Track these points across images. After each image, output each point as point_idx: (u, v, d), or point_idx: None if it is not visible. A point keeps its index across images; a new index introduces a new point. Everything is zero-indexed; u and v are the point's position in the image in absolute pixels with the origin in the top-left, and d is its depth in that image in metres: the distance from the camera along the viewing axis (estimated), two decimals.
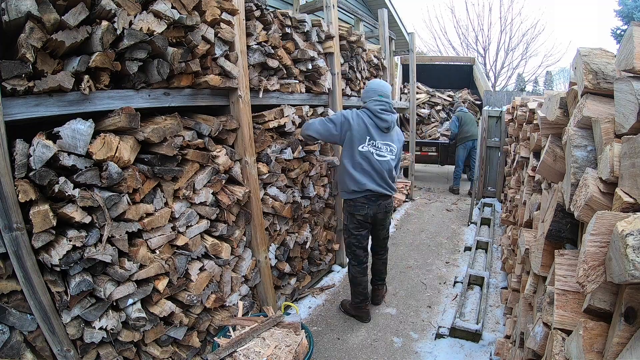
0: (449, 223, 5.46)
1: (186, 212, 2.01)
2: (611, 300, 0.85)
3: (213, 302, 2.20)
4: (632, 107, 0.83)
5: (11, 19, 1.25)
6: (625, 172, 0.82)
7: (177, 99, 1.97)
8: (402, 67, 8.96)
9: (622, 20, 15.25)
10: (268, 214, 2.72)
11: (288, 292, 3.05)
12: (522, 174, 2.93)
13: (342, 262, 3.96)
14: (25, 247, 1.39)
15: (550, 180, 1.53)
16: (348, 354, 2.61)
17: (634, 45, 0.86)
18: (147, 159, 1.79)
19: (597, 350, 0.82)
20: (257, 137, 2.51)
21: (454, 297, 3.33)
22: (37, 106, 1.40)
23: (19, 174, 1.36)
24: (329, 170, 3.52)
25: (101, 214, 1.56)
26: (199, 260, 2.14)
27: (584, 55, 1.13)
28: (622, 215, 0.77)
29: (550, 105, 1.55)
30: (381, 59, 4.80)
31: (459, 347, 2.63)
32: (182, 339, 2.07)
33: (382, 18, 5.04)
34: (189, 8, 1.81)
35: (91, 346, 1.66)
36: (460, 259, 4.21)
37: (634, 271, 0.60)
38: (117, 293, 1.68)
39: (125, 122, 1.62)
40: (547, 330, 1.21)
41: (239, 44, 2.21)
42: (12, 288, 1.43)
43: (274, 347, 1.93)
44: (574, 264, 1.10)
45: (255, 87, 2.47)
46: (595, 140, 1.06)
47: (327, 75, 3.35)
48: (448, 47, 18.99)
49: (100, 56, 1.48)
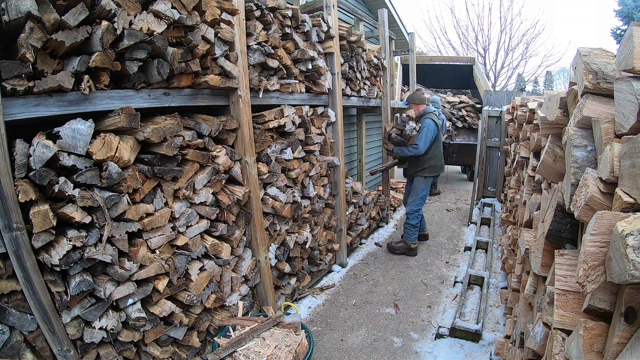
0: (449, 223, 5.46)
1: (186, 212, 2.01)
2: (611, 300, 0.85)
3: (213, 302, 2.20)
4: (632, 107, 0.83)
5: (11, 19, 1.25)
6: (625, 172, 0.82)
7: (177, 99, 1.97)
8: (402, 67, 8.97)
9: (622, 20, 15.25)
10: (268, 214, 2.72)
11: (288, 292, 3.05)
12: (522, 174, 2.93)
13: (342, 262, 3.97)
14: (25, 247, 1.39)
15: (550, 180, 1.53)
16: (348, 354, 2.61)
17: (634, 45, 0.85)
18: (147, 159, 1.79)
19: (597, 350, 0.82)
20: (257, 137, 2.51)
21: (454, 297, 3.33)
22: (37, 106, 1.40)
23: (19, 174, 1.36)
24: (329, 170, 3.52)
25: (101, 214, 1.56)
26: (199, 260, 2.14)
27: (584, 55, 1.13)
28: (622, 215, 0.77)
29: (550, 105, 1.55)
30: (381, 59, 4.80)
31: (459, 347, 2.63)
32: (182, 339, 2.07)
33: (382, 18, 5.04)
34: (189, 8, 1.81)
35: (91, 346, 1.66)
36: (460, 259, 4.21)
37: (634, 271, 0.60)
38: (117, 293, 1.68)
39: (125, 122, 1.62)
40: (547, 330, 1.21)
41: (239, 44, 2.21)
42: (12, 288, 1.44)
43: (274, 347, 1.93)
44: (574, 264, 1.10)
45: (255, 87, 2.47)
46: (595, 140, 1.06)
47: (327, 75, 3.35)
48: (448, 47, 19.02)
49: (100, 56, 1.48)
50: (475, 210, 5.64)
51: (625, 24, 15.19)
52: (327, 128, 3.51)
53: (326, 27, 3.19)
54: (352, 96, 4.17)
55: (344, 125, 3.76)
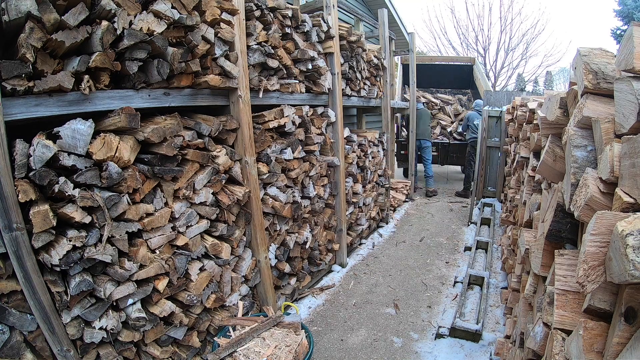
0: (449, 223, 5.46)
1: (186, 212, 2.01)
2: (611, 300, 0.85)
3: (213, 302, 2.20)
4: (632, 107, 0.83)
5: (11, 19, 1.25)
6: (625, 172, 0.82)
7: (177, 99, 1.97)
8: (402, 67, 8.96)
9: (622, 20, 15.25)
10: (268, 214, 2.72)
11: (288, 292, 3.05)
12: (522, 174, 2.93)
13: (342, 262, 3.97)
14: (25, 247, 1.39)
15: (550, 180, 1.53)
16: (348, 354, 2.61)
17: (634, 45, 0.85)
18: (147, 159, 1.79)
19: (597, 350, 0.82)
20: (257, 137, 2.51)
21: (454, 297, 3.33)
22: (37, 106, 1.40)
23: (19, 174, 1.36)
24: (328, 170, 3.52)
25: (101, 214, 1.56)
26: (199, 260, 2.14)
27: (584, 55, 1.13)
28: (622, 215, 0.77)
29: (550, 105, 1.55)
30: (381, 59, 4.80)
31: (459, 347, 2.63)
32: (182, 339, 2.07)
33: (382, 18, 5.04)
34: (189, 8, 1.81)
35: (91, 346, 1.66)
36: (460, 259, 4.21)
37: (634, 271, 0.60)
38: (117, 293, 1.68)
39: (125, 122, 1.62)
40: (547, 330, 1.21)
41: (239, 44, 2.21)
42: (12, 288, 1.44)
43: (274, 347, 1.93)
44: (574, 264, 1.10)
45: (255, 87, 2.47)
46: (595, 140, 1.06)
47: (327, 75, 3.35)
48: (448, 47, 19.00)
49: (100, 56, 1.48)
50: (475, 210, 5.63)
51: (625, 24, 15.18)
52: (327, 128, 3.51)
53: (326, 27, 3.19)
54: (352, 96, 4.17)
55: (343, 125, 3.76)
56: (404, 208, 6.21)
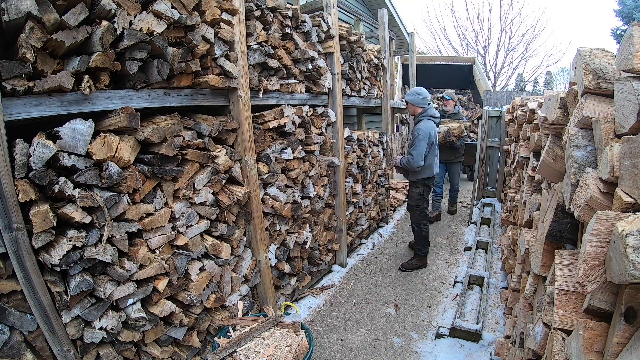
0: (449, 223, 5.45)
1: (186, 212, 2.01)
2: (611, 300, 0.85)
3: (213, 302, 2.20)
4: (632, 107, 0.83)
5: (11, 19, 1.25)
6: (625, 172, 0.82)
7: (177, 99, 1.97)
8: (402, 67, 8.97)
9: (622, 20, 15.25)
10: (268, 214, 2.72)
11: (288, 292, 3.05)
12: (522, 174, 2.93)
13: (342, 262, 3.97)
14: (25, 247, 1.39)
15: (550, 180, 1.53)
16: (348, 354, 2.61)
17: (634, 45, 0.85)
18: (147, 159, 1.79)
19: (597, 350, 0.82)
20: (257, 137, 2.51)
21: (454, 297, 3.33)
22: (37, 106, 1.40)
23: (19, 174, 1.36)
24: (328, 170, 3.52)
25: (101, 214, 1.56)
26: (199, 260, 2.14)
27: (584, 55, 1.13)
28: (622, 215, 0.77)
29: (550, 105, 1.55)
30: (381, 59, 4.80)
31: (459, 347, 2.63)
32: (182, 339, 2.07)
33: (382, 18, 5.04)
34: (189, 8, 1.81)
35: (91, 346, 1.66)
36: (460, 259, 4.21)
37: (634, 271, 0.60)
38: (117, 293, 1.68)
39: (125, 122, 1.62)
40: (547, 330, 1.21)
41: (239, 44, 2.21)
42: (12, 288, 1.44)
43: (274, 347, 1.93)
44: (574, 264, 1.10)
45: (255, 87, 2.47)
46: (595, 140, 1.06)
47: (327, 75, 3.35)
48: (448, 47, 19.02)
49: (100, 56, 1.48)
50: (475, 210, 5.63)
51: (625, 24, 15.19)
52: (327, 128, 3.51)
53: (326, 27, 3.19)
54: (352, 96, 4.17)
55: (343, 125, 3.76)
56: (403, 208, 6.20)
